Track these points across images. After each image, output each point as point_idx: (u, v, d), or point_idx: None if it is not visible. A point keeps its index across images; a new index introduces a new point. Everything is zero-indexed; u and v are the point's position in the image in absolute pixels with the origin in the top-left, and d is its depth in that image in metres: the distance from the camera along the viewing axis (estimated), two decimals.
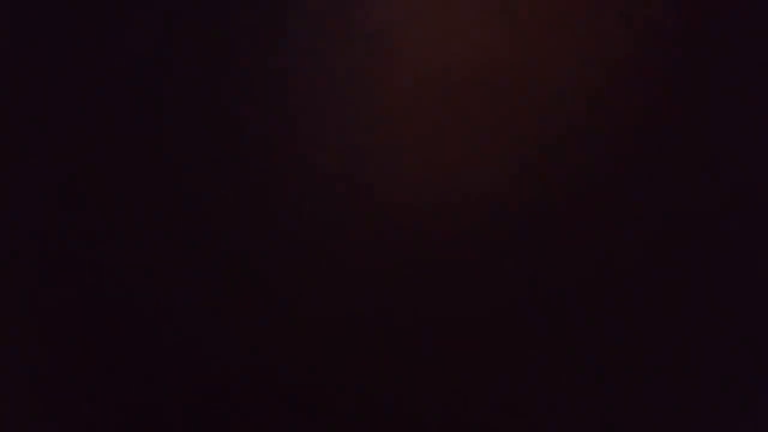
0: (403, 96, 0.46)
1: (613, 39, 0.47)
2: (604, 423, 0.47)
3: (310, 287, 0.46)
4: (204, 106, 0.47)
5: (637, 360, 0.46)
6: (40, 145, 0.48)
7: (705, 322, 0.47)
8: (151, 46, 0.47)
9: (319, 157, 0.46)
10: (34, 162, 0.48)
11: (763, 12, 0.48)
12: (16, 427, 0.48)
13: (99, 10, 0.48)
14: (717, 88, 0.47)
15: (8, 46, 0.49)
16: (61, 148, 0.47)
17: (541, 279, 0.46)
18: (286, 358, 0.46)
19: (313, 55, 0.46)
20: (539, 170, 0.46)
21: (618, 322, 0.46)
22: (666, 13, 0.47)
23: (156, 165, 0.47)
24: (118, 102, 0.47)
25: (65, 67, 0.48)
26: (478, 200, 0.46)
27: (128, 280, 0.47)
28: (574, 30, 0.47)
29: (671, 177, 0.47)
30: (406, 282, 0.46)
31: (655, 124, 0.47)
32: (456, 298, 0.46)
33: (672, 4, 0.47)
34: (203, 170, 0.46)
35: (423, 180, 0.46)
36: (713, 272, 0.47)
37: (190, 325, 0.46)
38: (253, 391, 0.46)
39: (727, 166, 0.47)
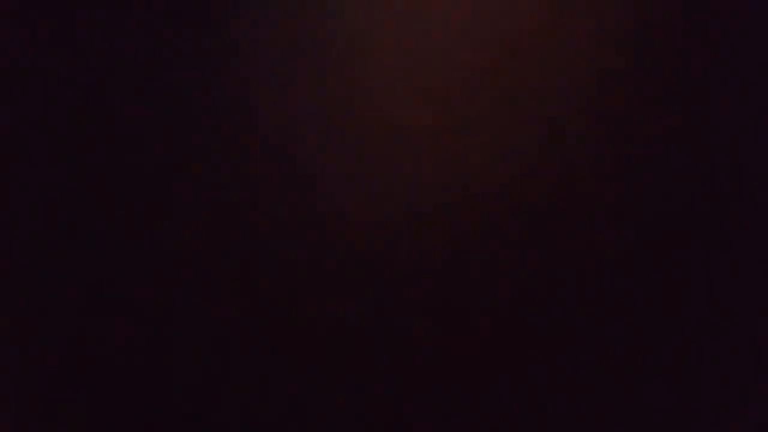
0: (401, 95, 0.46)
1: (612, 39, 0.47)
2: (604, 423, 0.47)
3: (310, 288, 0.46)
4: (204, 106, 0.47)
5: (637, 360, 0.46)
6: (40, 145, 0.48)
7: (705, 322, 0.47)
8: (152, 46, 0.47)
9: (319, 157, 0.46)
10: (34, 162, 0.48)
11: (763, 12, 0.48)
12: (16, 427, 0.48)
13: (99, 9, 0.48)
14: (717, 88, 0.47)
15: (8, 46, 0.49)
16: (61, 148, 0.47)
17: (540, 279, 0.46)
18: (285, 359, 0.46)
19: (305, 60, 0.46)
20: (538, 170, 0.46)
21: (618, 322, 0.46)
22: (667, 12, 0.47)
23: (156, 165, 0.47)
24: (118, 102, 0.47)
25: (65, 66, 0.48)
26: (477, 201, 0.46)
27: (128, 280, 0.47)
28: (573, 29, 0.47)
29: (671, 177, 0.47)
30: (405, 281, 0.46)
31: (655, 123, 0.47)
32: (455, 299, 0.46)
33: (674, 3, 0.47)
34: (203, 171, 0.46)
35: (421, 180, 0.46)
36: (713, 272, 0.47)
37: (190, 325, 0.46)
38: (254, 390, 0.46)
39: (727, 166, 0.47)
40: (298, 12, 0.47)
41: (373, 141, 0.46)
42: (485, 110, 0.46)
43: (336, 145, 0.46)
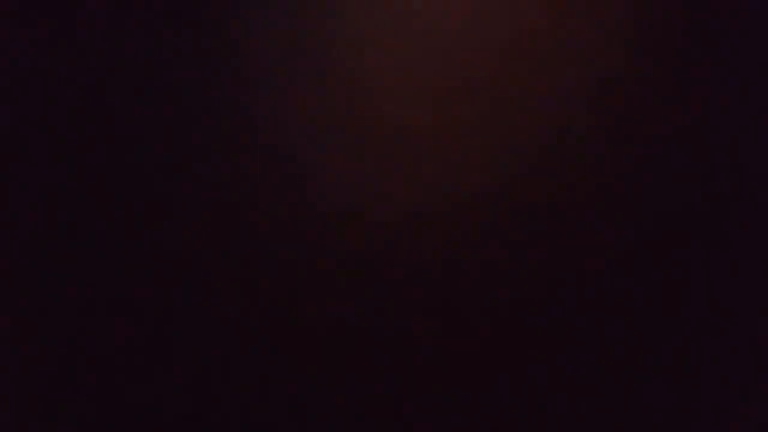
0: (401, 95, 0.46)
1: (612, 39, 0.47)
2: (604, 423, 0.47)
3: (310, 288, 0.46)
4: (204, 106, 0.47)
5: (637, 360, 0.46)
6: (40, 145, 0.48)
7: (705, 322, 0.47)
8: (152, 46, 0.47)
9: (319, 157, 0.46)
10: (34, 162, 0.48)
11: (763, 12, 0.48)
12: (16, 427, 0.48)
13: (99, 9, 0.48)
14: (717, 88, 0.47)
15: (8, 46, 0.49)
16: (61, 148, 0.47)
17: (540, 279, 0.46)
18: (285, 359, 0.46)
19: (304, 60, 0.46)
20: (538, 170, 0.46)
21: (618, 322, 0.46)
22: (667, 12, 0.47)
23: (156, 165, 0.47)
24: (118, 102, 0.47)
25: (65, 66, 0.48)
26: (477, 201, 0.46)
27: (128, 280, 0.47)
28: (574, 29, 0.47)
29: (671, 177, 0.47)
30: (405, 281, 0.46)
31: (655, 123, 0.47)
32: (455, 299, 0.46)
33: (674, 4, 0.47)
34: (203, 171, 0.46)
35: (422, 180, 0.46)
36: (713, 272, 0.47)
37: (190, 325, 0.46)
38: (254, 390, 0.46)
39: (727, 166, 0.47)
40: (298, 12, 0.47)
41: (373, 141, 0.46)
42: (485, 110, 0.46)
43: (336, 145, 0.46)
